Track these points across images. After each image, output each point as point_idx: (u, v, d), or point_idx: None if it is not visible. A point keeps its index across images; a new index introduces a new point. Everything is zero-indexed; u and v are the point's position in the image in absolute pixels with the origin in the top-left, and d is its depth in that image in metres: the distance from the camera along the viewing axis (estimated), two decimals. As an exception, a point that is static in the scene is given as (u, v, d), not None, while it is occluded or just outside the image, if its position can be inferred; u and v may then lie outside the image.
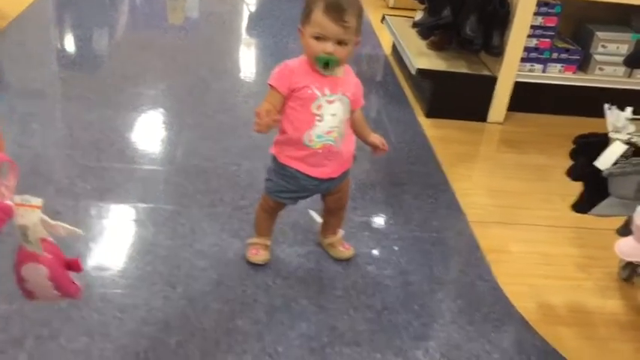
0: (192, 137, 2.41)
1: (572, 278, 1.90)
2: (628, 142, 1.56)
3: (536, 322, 1.70)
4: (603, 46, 2.82)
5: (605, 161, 1.54)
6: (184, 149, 2.31)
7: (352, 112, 1.62)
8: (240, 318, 1.58)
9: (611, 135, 1.60)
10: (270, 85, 1.56)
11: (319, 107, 1.53)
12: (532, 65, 2.80)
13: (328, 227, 1.83)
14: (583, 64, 2.85)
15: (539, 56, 2.79)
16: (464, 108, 2.80)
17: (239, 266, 1.76)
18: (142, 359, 1.43)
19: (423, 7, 2.95)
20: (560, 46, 2.83)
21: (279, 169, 1.63)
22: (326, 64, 1.50)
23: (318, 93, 1.53)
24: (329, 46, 1.48)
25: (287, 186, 1.63)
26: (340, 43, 1.48)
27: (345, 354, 1.52)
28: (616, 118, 1.58)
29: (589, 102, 2.15)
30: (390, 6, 4.27)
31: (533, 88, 2.83)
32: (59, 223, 0.84)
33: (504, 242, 2.03)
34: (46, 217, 0.85)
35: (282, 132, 1.59)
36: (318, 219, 1.89)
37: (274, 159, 1.63)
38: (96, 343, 1.45)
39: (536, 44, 2.77)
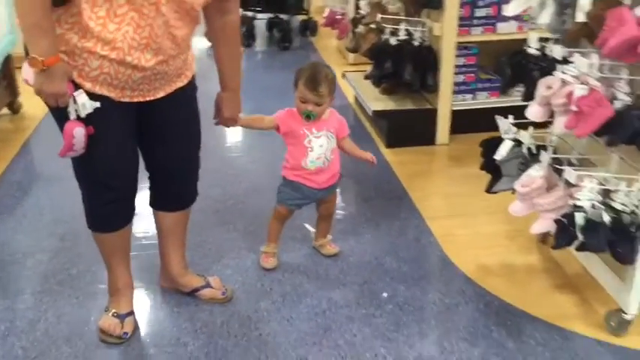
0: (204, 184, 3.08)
1: (503, 246, 2.56)
2: (514, 140, 2.25)
3: (477, 277, 2.34)
4: (517, 73, 3.55)
5: (499, 154, 2.22)
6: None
7: (341, 140, 2.31)
8: (263, 301, 2.22)
9: (503, 136, 2.29)
10: (276, 118, 2.25)
11: (309, 142, 2.22)
12: (463, 96, 3.53)
13: (320, 232, 2.49)
14: (504, 92, 3.57)
15: (467, 88, 3.52)
16: (415, 136, 3.50)
17: (256, 270, 2.40)
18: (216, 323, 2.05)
19: (372, 62, 3.69)
20: (483, 77, 3.56)
21: (288, 183, 2.29)
22: (307, 117, 2.19)
23: (307, 132, 2.22)
24: (310, 107, 2.18)
25: (295, 194, 2.29)
26: (317, 104, 2.18)
27: (340, 313, 2.15)
28: (503, 124, 2.27)
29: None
30: (349, 62, 5.03)
31: (468, 113, 3.53)
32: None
33: (452, 229, 2.68)
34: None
35: (287, 161, 2.28)
36: (312, 229, 2.55)
37: (284, 178, 2.30)
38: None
39: (464, 79, 3.50)
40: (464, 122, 3.52)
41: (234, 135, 3.76)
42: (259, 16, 5.86)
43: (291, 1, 5.75)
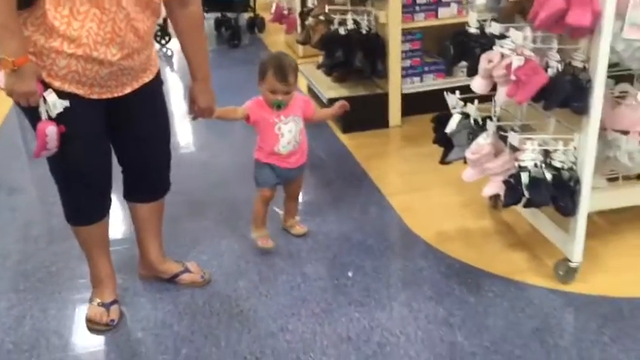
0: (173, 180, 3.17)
1: (458, 214, 2.75)
2: (462, 113, 2.43)
3: (437, 244, 2.52)
4: (460, 55, 3.77)
5: (450, 127, 2.41)
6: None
7: (310, 116, 2.46)
8: (242, 280, 2.34)
9: (452, 111, 2.47)
10: (246, 108, 2.36)
11: (279, 129, 2.35)
12: (412, 79, 3.72)
13: (288, 213, 2.62)
14: (449, 71, 3.78)
15: (414, 71, 3.71)
16: (369, 120, 3.66)
17: (230, 254, 2.52)
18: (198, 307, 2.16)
19: (323, 52, 3.84)
20: (428, 61, 3.76)
21: (264, 165, 2.41)
22: (278, 107, 2.33)
23: (276, 120, 2.35)
24: (279, 97, 2.31)
25: (270, 174, 2.42)
26: (286, 93, 2.31)
27: (315, 286, 2.30)
28: (451, 100, 2.46)
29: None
30: (299, 56, 5.16)
31: (417, 96, 3.72)
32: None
33: (410, 203, 2.86)
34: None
35: (260, 147, 2.40)
36: (280, 211, 2.68)
37: (258, 161, 2.42)
38: (150, 313, 2.17)
39: (411, 63, 3.69)
40: (414, 104, 3.71)
41: (194, 132, 3.85)
42: (206, 15, 5.92)
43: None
